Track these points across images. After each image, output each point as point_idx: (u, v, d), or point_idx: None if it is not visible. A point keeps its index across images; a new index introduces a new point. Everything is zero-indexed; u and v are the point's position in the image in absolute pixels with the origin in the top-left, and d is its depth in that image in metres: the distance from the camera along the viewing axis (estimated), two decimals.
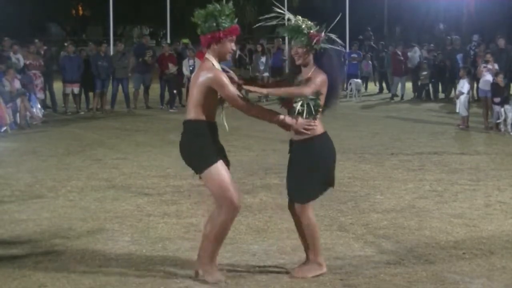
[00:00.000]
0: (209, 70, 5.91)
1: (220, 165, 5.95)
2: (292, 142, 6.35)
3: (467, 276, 6.23)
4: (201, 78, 5.88)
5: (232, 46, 6.00)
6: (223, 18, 5.88)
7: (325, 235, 7.49)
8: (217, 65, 5.96)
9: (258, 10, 43.44)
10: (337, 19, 6.51)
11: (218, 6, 5.90)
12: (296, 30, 6.05)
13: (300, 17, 6.12)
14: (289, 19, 6.10)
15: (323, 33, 6.08)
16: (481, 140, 15.00)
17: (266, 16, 6.08)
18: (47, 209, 8.81)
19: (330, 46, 6.13)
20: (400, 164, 11.75)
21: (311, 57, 6.09)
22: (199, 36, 6.00)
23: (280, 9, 6.06)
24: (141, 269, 6.45)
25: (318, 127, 6.12)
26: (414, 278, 6.18)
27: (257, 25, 6.61)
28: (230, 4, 5.98)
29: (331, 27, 6.18)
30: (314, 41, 6.02)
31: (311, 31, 6.03)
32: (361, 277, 6.18)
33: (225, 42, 5.93)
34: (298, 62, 6.12)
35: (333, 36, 6.15)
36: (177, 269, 6.44)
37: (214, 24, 5.87)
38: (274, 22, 6.08)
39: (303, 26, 6.04)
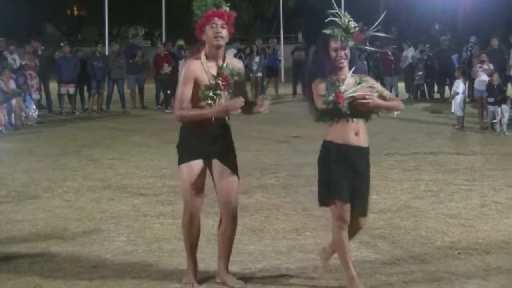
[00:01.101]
0: (185, 63, 6.03)
1: (190, 167, 5.90)
2: (357, 149, 5.74)
3: (462, 276, 6.23)
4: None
5: (214, 31, 5.78)
6: (196, 7, 5.83)
7: (320, 235, 7.50)
8: (203, 58, 5.86)
9: (253, 10, 43.48)
10: (381, 17, 6.24)
11: None
12: (346, 31, 5.70)
13: (348, 15, 5.77)
14: (340, 18, 5.71)
15: (365, 34, 5.79)
16: (477, 140, 15.02)
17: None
18: (42, 210, 8.80)
19: (367, 47, 5.95)
20: (396, 164, 11.76)
21: None
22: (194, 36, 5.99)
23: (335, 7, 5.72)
24: (137, 270, 6.45)
25: None
26: (410, 278, 6.18)
27: None
28: None
29: (375, 26, 5.89)
30: (357, 42, 5.75)
31: (356, 32, 5.73)
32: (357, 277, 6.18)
33: (205, 30, 5.82)
34: (344, 64, 5.68)
35: (382, 34, 5.96)
36: (173, 269, 6.44)
37: (199, 12, 5.85)
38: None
39: (352, 26, 5.71)
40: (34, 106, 18.29)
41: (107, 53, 22.55)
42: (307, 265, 6.54)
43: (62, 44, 22.17)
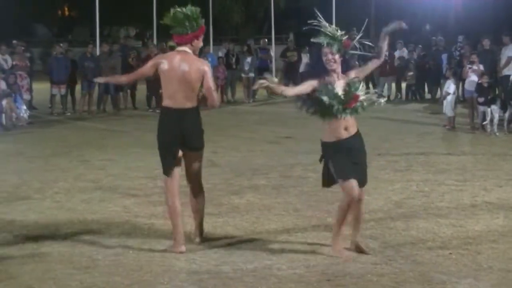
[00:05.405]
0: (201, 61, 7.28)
1: None
2: (345, 139, 7.09)
3: (454, 276, 6.25)
4: (200, 67, 7.01)
5: (200, 42, 7.25)
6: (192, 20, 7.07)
7: (312, 235, 7.51)
8: None
9: (245, 11, 43.45)
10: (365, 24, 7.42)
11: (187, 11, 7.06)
12: (332, 37, 6.65)
13: (334, 26, 6.74)
14: (325, 27, 6.66)
15: (354, 40, 6.81)
16: (467, 141, 15.05)
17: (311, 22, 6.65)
18: (33, 211, 8.77)
19: (356, 52, 7.01)
20: (387, 165, 11.76)
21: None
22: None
23: (319, 18, 6.66)
24: (128, 271, 6.44)
25: None
26: (401, 278, 6.19)
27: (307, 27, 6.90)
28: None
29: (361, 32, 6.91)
30: (346, 48, 6.74)
31: (344, 39, 6.67)
32: (348, 278, 6.19)
33: (198, 39, 7.17)
34: (332, 67, 6.72)
35: (367, 42, 7.03)
36: (164, 270, 6.44)
37: (195, 25, 7.06)
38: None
39: (338, 34, 6.66)
40: (24, 107, 18.22)
41: (98, 53, 22.47)
42: (298, 265, 6.55)
43: (61, 45, 21.95)
